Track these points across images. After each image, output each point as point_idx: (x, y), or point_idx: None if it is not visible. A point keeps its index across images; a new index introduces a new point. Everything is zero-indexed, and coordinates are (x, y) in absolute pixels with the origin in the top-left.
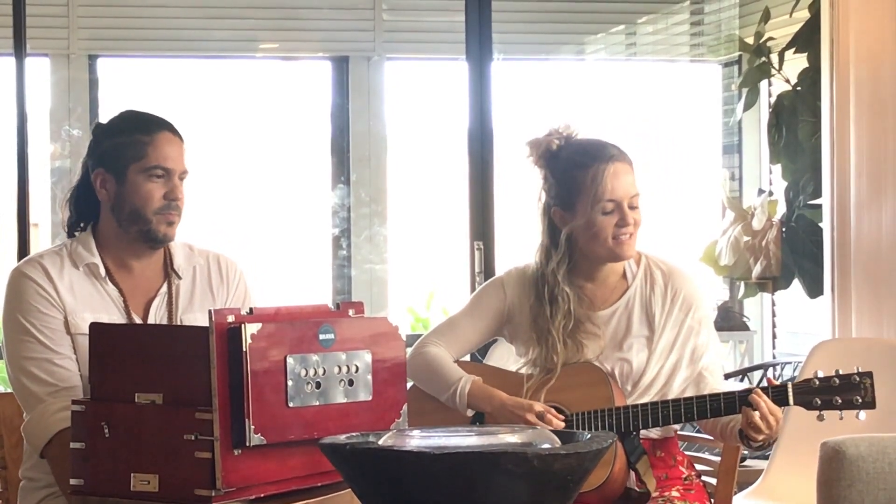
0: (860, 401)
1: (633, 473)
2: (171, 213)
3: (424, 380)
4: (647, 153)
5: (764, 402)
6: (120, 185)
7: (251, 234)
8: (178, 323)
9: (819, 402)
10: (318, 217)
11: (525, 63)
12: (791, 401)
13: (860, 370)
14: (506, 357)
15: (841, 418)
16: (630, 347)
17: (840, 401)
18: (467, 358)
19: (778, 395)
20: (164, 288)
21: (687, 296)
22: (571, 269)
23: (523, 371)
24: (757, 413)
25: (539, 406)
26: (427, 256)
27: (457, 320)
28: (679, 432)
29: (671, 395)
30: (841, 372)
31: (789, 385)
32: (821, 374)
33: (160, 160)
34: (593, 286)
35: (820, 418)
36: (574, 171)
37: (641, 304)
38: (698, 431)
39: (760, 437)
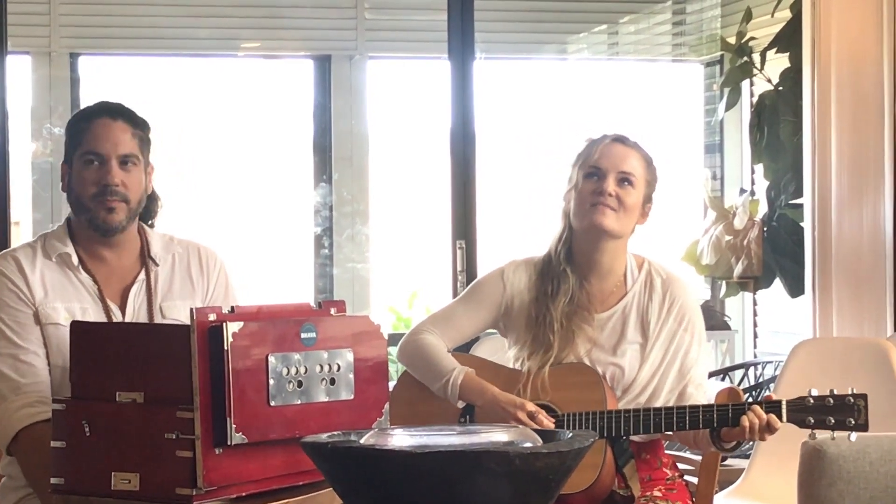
0: (853, 423)
1: (618, 477)
2: (109, 198)
3: (417, 367)
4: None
5: (759, 419)
6: (70, 175)
7: (234, 232)
8: (158, 311)
9: (812, 422)
10: (300, 216)
11: (507, 62)
12: (784, 418)
13: (855, 391)
14: (492, 352)
15: (833, 438)
16: (623, 353)
17: (833, 421)
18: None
19: (771, 411)
20: (142, 275)
21: (683, 306)
22: (571, 256)
23: (516, 363)
24: (748, 427)
25: (531, 405)
26: (409, 255)
27: (454, 309)
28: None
29: (657, 404)
30: (836, 392)
31: (783, 402)
32: (815, 393)
33: (90, 145)
34: (594, 284)
35: (812, 437)
36: (583, 147)
37: (638, 311)
38: None
39: (734, 442)
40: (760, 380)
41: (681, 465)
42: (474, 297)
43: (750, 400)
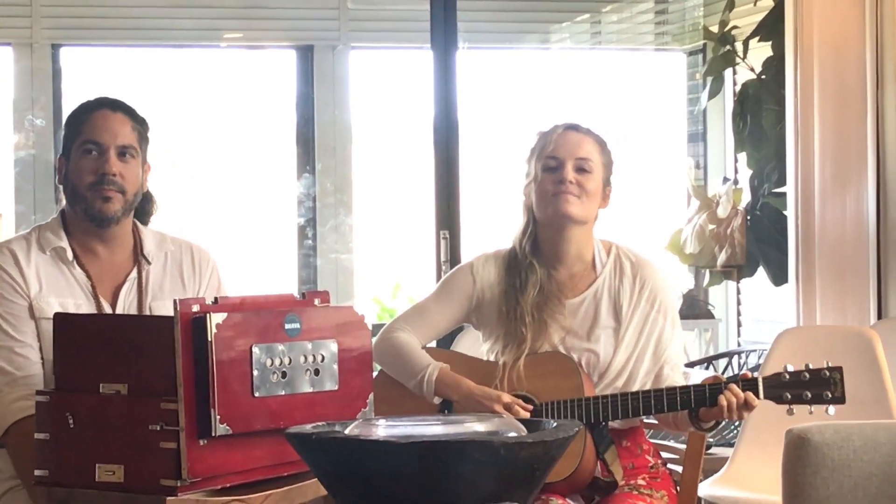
0: (830, 396)
1: (600, 463)
2: (106, 188)
3: (391, 366)
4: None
5: (737, 397)
6: (67, 166)
7: (216, 223)
8: (147, 310)
9: (789, 397)
10: (283, 206)
11: (490, 52)
12: (761, 395)
13: (830, 364)
14: (472, 346)
15: (811, 412)
16: (598, 339)
17: (810, 395)
18: (433, 344)
19: (748, 388)
20: (134, 273)
21: (654, 288)
22: (537, 247)
23: (490, 355)
24: (726, 406)
25: (507, 397)
26: (393, 246)
27: (425, 306)
28: (645, 420)
29: (634, 387)
30: (811, 366)
31: (760, 379)
32: (791, 368)
33: (90, 134)
34: (562, 273)
35: (789, 412)
36: (536, 140)
37: (609, 295)
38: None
39: (712, 422)
40: (744, 368)
41: (665, 454)
42: (445, 292)
43: (726, 378)
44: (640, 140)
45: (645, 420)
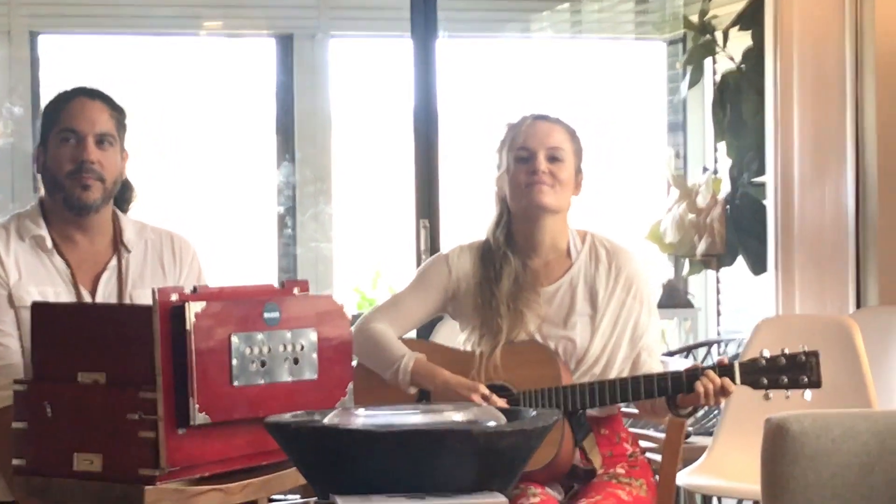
0: (806, 380)
1: (579, 451)
2: (84, 175)
3: (368, 356)
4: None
5: (714, 382)
6: (45, 156)
7: (196, 212)
8: (128, 299)
9: (766, 382)
10: (263, 195)
11: (470, 40)
12: (738, 380)
13: (806, 349)
14: (450, 336)
15: (787, 397)
16: (574, 326)
17: (786, 380)
18: (413, 334)
19: (725, 374)
20: (114, 262)
21: (630, 275)
22: (511, 238)
23: (467, 345)
24: (703, 392)
25: (483, 388)
26: (373, 234)
27: (401, 297)
28: (623, 409)
29: (612, 374)
30: (787, 351)
31: (736, 364)
32: (767, 354)
33: (67, 122)
34: (537, 262)
35: (766, 397)
36: (506, 131)
37: (585, 282)
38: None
39: (690, 408)
40: (725, 358)
41: (644, 443)
42: (421, 283)
43: (704, 365)
44: (621, 129)
45: (624, 409)
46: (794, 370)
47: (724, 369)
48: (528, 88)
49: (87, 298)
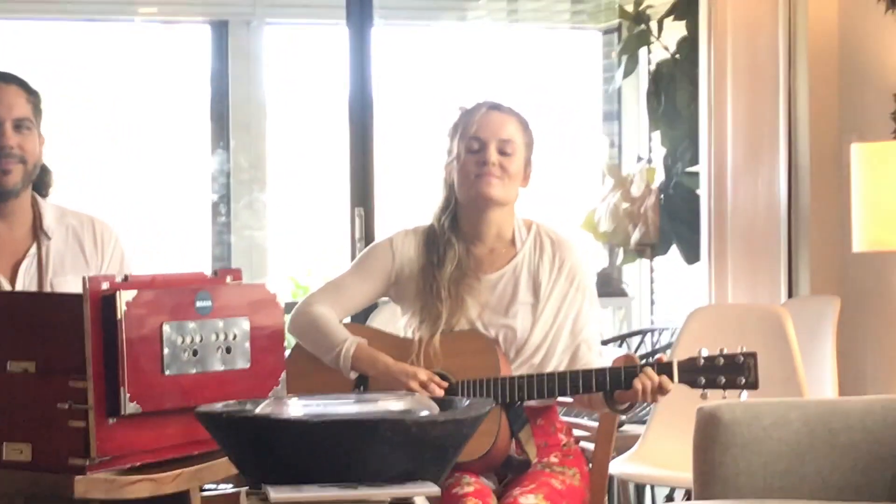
0: (743, 381)
1: (514, 442)
2: (4, 160)
3: (308, 339)
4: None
5: (651, 380)
6: None
7: (128, 199)
8: (48, 287)
9: (703, 381)
10: (196, 183)
11: (406, 28)
12: (676, 379)
13: (745, 350)
14: (388, 321)
15: (724, 398)
16: (515, 314)
17: (724, 380)
18: (348, 320)
19: (662, 372)
20: (34, 250)
21: (573, 266)
22: (456, 224)
23: (408, 330)
24: (640, 389)
25: (423, 374)
26: (307, 223)
27: (344, 280)
28: (559, 399)
29: (551, 365)
30: (726, 351)
31: (675, 363)
32: (706, 353)
33: None
34: (481, 249)
35: (703, 397)
36: (459, 117)
37: (529, 271)
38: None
39: (627, 404)
40: (657, 346)
41: (577, 432)
42: (364, 266)
43: (642, 363)
44: (556, 118)
45: (559, 399)
46: (732, 371)
47: (662, 367)
48: (464, 77)
49: (6, 287)
